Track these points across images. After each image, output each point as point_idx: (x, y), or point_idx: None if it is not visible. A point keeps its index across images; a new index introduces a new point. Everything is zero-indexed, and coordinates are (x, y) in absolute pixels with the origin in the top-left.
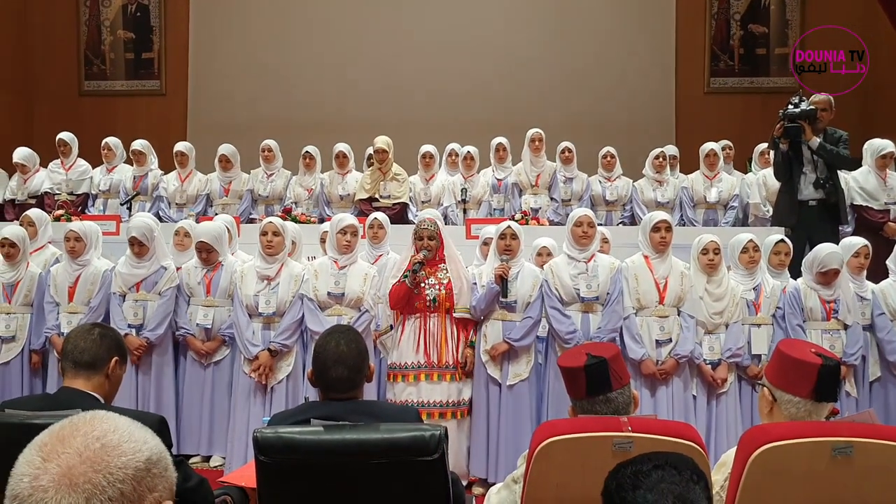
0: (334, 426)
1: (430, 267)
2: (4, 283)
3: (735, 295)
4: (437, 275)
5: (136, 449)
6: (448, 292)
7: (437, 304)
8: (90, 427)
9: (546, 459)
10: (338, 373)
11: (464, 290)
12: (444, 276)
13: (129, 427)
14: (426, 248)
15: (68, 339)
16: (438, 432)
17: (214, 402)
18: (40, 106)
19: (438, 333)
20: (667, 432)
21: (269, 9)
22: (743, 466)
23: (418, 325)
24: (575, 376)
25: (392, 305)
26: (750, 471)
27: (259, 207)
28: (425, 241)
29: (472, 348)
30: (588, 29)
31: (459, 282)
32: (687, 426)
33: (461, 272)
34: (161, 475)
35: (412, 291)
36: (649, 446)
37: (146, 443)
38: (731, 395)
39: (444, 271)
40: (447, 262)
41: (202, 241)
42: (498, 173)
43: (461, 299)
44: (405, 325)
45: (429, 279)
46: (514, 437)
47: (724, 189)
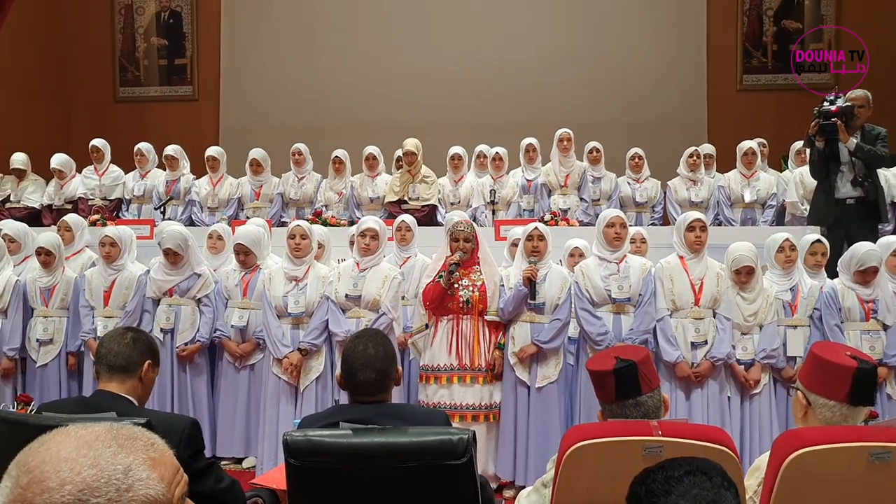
0: (363, 429)
1: (464, 268)
2: (42, 287)
3: (769, 296)
4: (471, 276)
5: (64, 481)
6: (482, 294)
7: (470, 306)
8: (25, 458)
9: (575, 464)
10: (366, 376)
11: (496, 292)
12: (479, 277)
13: (65, 456)
14: (461, 249)
15: (102, 344)
16: (466, 436)
17: (250, 404)
18: (77, 113)
19: (471, 335)
20: (697, 436)
21: (298, 14)
22: (777, 472)
23: (451, 326)
24: (604, 380)
25: (425, 305)
26: (784, 476)
27: (290, 211)
28: (461, 243)
29: (500, 350)
30: (618, 28)
31: (493, 285)
32: (718, 430)
33: (494, 276)
34: (114, 500)
35: (446, 292)
36: (680, 450)
37: (79, 473)
38: (764, 396)
39: (478, 273)
40: (481, 265)
41: (240, 244)
42: (528, 174)
43: (494, 302)
44: (437, 327)
45: (463, 280)
46: (543, 440)
47: (762, 188)
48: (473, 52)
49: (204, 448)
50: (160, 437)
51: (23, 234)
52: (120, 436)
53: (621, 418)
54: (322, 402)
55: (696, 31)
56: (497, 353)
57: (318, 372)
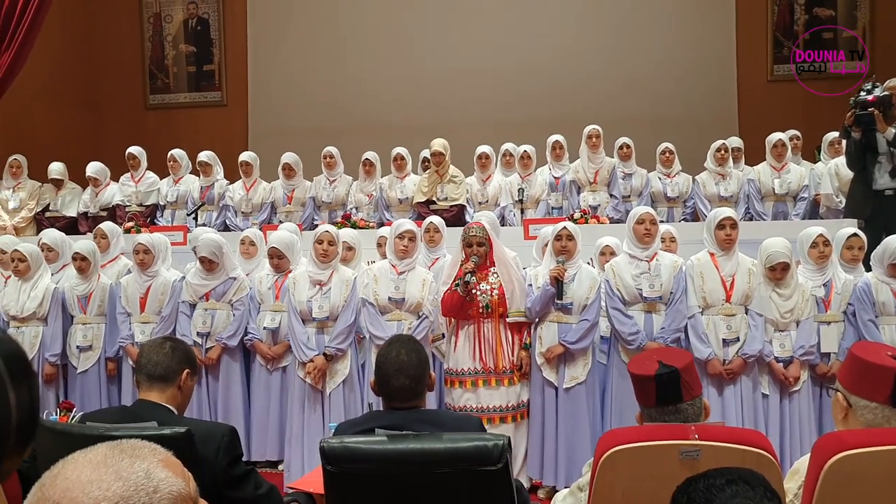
0: (398, 436)
1: (479, 272)
2: (79, 295)
3: (805, 291)
4: (488, 279)
5: (97, 499)
6: (500, 297)
7: (490, 310)
8: (45, 494)
9: (612, 468)
10: (399, 382)
11: (516, 292)
12: (496, 280)
13: (87, 479)
14: (475, 254)
15: (142, 354)
16: (502, 442)
17: (282, 407)
18: (109, 121)
19: (493, 339)
20: (736, 440)
21: (323, 17)
22: (817, 475)
23: (473, 331)
24: (645, 384)
25: (445, 313)
26: (825, 480)
27: (322, 214)
28: (475, 248)
29: (526, 350)
30: (645, 20)
31: (511, 285)
32: (757, 433)
33: (512, 274)
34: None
35: (465, 300)
36: (717, 454)
37: (108, 488)
38: (804, 393)
39: (494, 275)
40: (497, 266)
41: (274, 247)
42: (555, 171)
43: (514, 302)
44: (459, 332)
45: (480, 285)
46: (571, 441)
47: (793, 180)
48: (499, 51)
49: (242, 455)
50: (199, 444)
51: (60, 242)
52: (125, 448)
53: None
54: (349, 405)
55: (724, 21)
56: (523, 354)
57: (344, 375)
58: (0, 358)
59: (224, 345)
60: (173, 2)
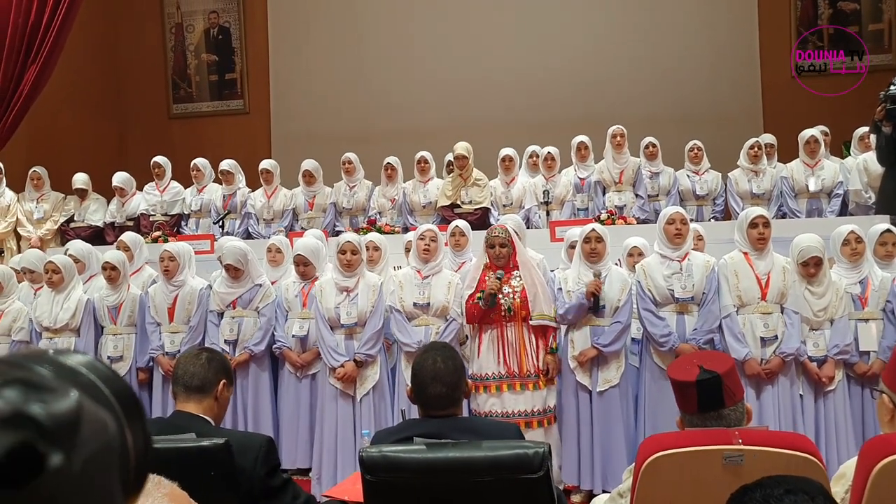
0: (437, 444)
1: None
2: (109, 306)
3: (838, 289)
4: (510, 282)
5: None
6: (523, 300)
7: (512, 313)
8: None
9: (654, 475)
10: (436, 390)
11: (539, 295)
12: (518, 283)
13: None
14: (497, 256)
15: (178, 365)
16: (542, 450)
17: (313, 414)
18: (132, 131)
19: (517, 342)
20: (780, 444)
21: (343, 23)
22: (865, 479)
23: (496, 335)
24: (685, 390)
25: (468, 321)
26: (874, 484)
27: (343, 220)
28: (497, 249)
29: (553, 354)
30: (666, 17)
31: (534, 287)
32: (802, 437)
33: (535, 277)
34: None
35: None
36: (762, 459)
37: None
38: (839, 393)
39: (517, 278)
40: (520, 268)
41: (299, 254)
42: (580, 172)
43: (537, 305)
44: (482, 336)
45: (503, 288)
46: (606, 444)
47: (827, 177)
48: (521, 53)
49: (280, 465)
50: (237, 455)
51: (87, 253)
52: None
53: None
54: (379, 411)
55: (747, 16)
56: (549, 358)
57: (374, 381)
58: (112, 396)
59: (251, 353)
60: (195, 12)
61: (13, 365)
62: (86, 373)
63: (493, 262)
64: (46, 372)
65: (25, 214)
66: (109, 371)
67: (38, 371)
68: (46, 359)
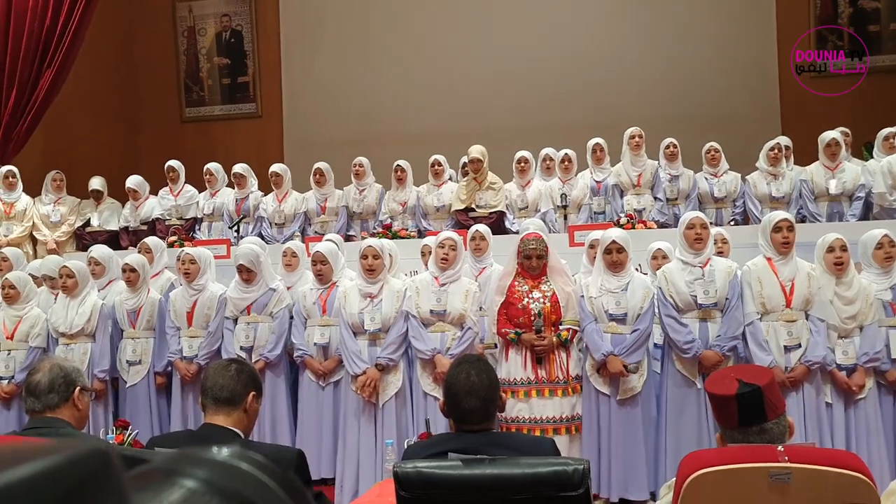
0: (473, 460)
1: (533, 280)
2: (128, 309)
3: (868, 295)
4: (540, 287)
5: None
6: (553, 305)
7: (542, 319)
8: None
9: (697, 492)
10: (471, 404)
11: (571, 301)
12: (549, 288)
13: None
14: (533, 267)
15: (207, 377)
16: (582, 467)
17: (336, 422)
18: (145, 135)
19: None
20: (829, 462)
21: (355, 26)
22: None
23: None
24: (725, 405)
25: (498, 333)
26: None
27: (354, 224)
28: (534, 261)
29: (557, 339)
30: (683, 18)
31: (564, 293)
32: (851, 455)
33: (564, 284)
34: None
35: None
36: (809, 478)
37: None
38: (870, 401)
39: (547, 284)
40: (550, 274)
41: (318, 252)
42: (596, 175)
43: (568, 312)
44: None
45: (533, 293)
46: (627, 452)
47: (848, 179)
48: (535, 55)
49: (311, 479)
50: None
51: (107, 257)
52: None
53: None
54: (401, 418)
55: (765, 16)
56: (555, 339)
57: (397, 388)
58: (283, 490)
59: (266, 359)
60: (206, 15)
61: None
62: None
63: (526, 272)
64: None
65: (41, 218)
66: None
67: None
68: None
